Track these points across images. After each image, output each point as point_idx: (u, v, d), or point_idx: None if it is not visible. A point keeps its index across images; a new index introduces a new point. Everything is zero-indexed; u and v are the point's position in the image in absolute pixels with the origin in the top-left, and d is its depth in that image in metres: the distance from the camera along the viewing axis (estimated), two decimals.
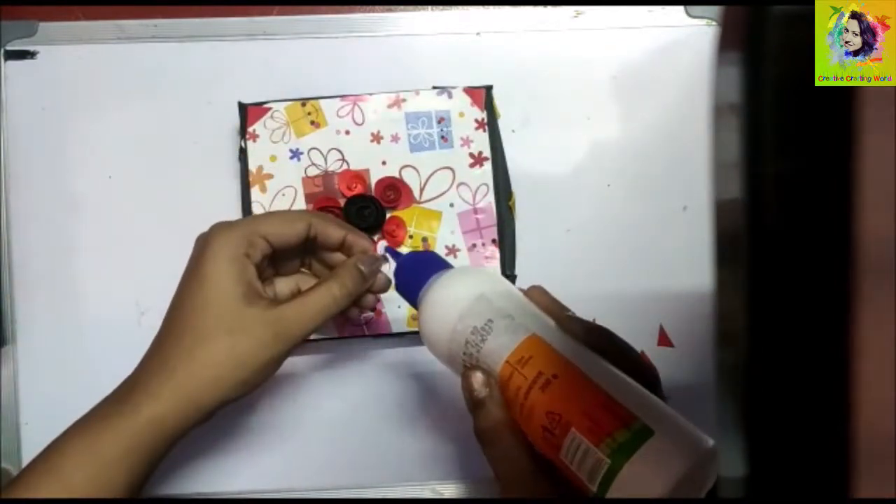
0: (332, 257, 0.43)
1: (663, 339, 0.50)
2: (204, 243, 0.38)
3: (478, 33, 0.51)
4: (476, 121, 0.48)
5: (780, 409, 0.18)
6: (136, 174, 0.50)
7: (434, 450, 0.50)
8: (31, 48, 0.50)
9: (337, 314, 0.40)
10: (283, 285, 0.43)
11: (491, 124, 0.48)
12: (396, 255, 0.41)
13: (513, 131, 0.50)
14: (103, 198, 0.50)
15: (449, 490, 0.50)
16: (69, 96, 0.50)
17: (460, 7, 0.51)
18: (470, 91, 0.48)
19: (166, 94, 0.50)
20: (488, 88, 0.49)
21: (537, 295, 0.37)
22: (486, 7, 0.51)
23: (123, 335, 0.49)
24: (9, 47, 0.49)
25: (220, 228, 0.39)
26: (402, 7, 0.51)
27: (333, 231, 0.41)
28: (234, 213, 0.49)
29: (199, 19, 0.50)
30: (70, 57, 0.50)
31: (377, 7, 0.51)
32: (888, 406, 0.15)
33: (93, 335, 0.49)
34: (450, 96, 0.48)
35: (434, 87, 0.49)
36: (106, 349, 0.49)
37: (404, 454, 0.50)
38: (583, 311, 0.50)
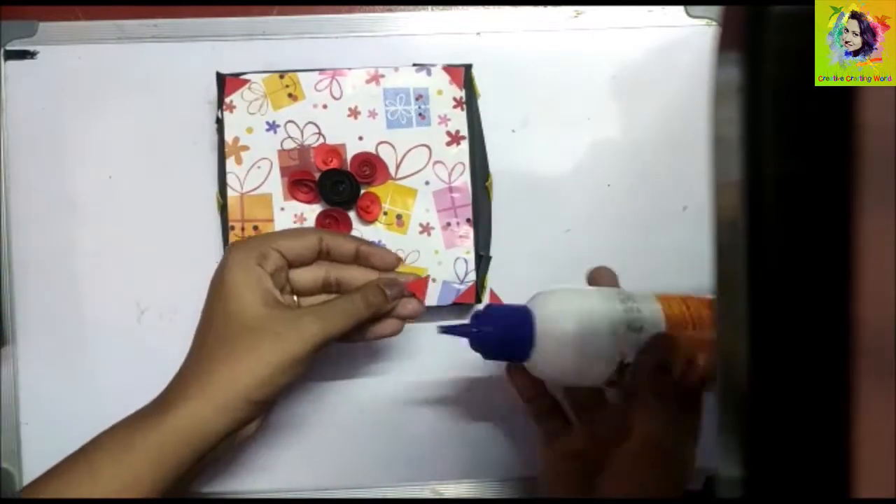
0: (351, 275, 0.43)
1: None
2: (222, 260, 0.40)
3: (478, 33, 0.50)
4: (454, 99, 0.48)
5: (782, 413, 0.18)
6: (136, 174, 0.50)
7: (434, 450, 0.50)
8: (31, 48, 0.49)
9: (357, 324, 0.40)
10: (308, 303, 0.43)
11: (469, 103, 0.48)
12: (468, 327, 0.40)
13: (513, 131, 0.50)
14: (103, 198, 0.50)
15: (449, 490, 0.50)
16: (69, 96, 0.50)
17: (460, 7, 0.51)
18: (449, 69, 0.48)
19: (166, 94, 0.50)
20: (467, 67, 0.48)
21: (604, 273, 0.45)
22: (486, 7, 0.51)
23: (123, 335, 0.49)
24: (9, 47, 0.49)
25: (235, 245, 0.41)
26: (402, 7, 0.51)
27: (344, 243, 0.42)
28: None
29: (199, 19, 0.50)
30: (70, 57, 0.50)
31: (377, 7, 0.51)
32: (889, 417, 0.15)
33: (93, 335, 0.49)
34: (429, 73, 0.48)
35: (414, 64, 0.48)
36: (106, 349, 0.49)
37: (404, 454, 0.50)
38: None
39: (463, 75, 0.48)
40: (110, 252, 0.49)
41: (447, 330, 0.40)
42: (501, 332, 0.39)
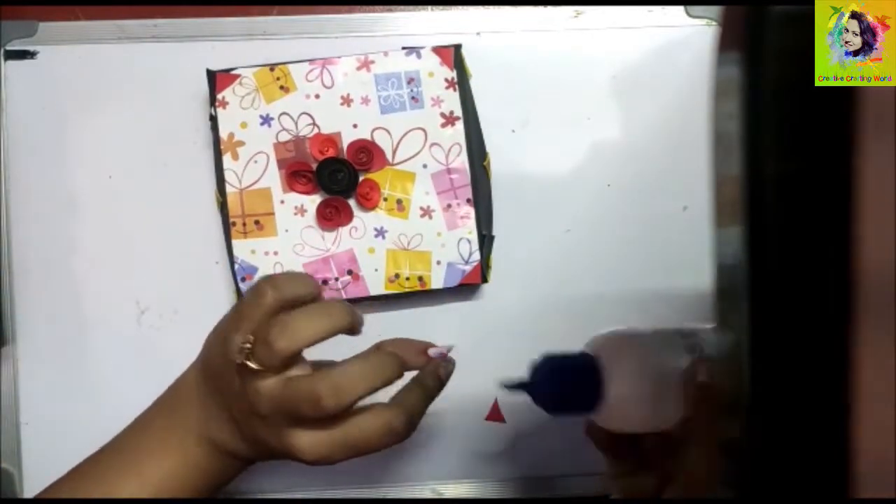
0: None
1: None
2: None
3: (478, 33, 0.50)
4: (446, 80, 0.48)
5: (782, 416, 0.18)
6: (136, 174, 0.50)
7: (434, 450, 0.50)
8: (31, 48, 0.49)
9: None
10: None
11: (461, 83, 0.48)
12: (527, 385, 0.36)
13: (513, 131, 0.50)
14: (103, 197, 0.50)
15: (449, 490, 0.50)
16: (69, 96, 0.50)
17: (460, 7, 0.51)
18: (439, 50, 0.48)
19: (166, 93, 0.50)
20: (457, 47, 0.48)
21: None
22: (486, 7, 0.51)
23: (123, 335, 0.49)
24: (9, 47, 0.49)
25: None
26: (402, 7, 0.51)
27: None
28: None
29: (199, 19, 0.50)
30: (70, 57, 0.50)
31: (377, 7, 0.51)
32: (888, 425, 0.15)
33: (93, 335, 0.49)
34: (419, 56, 0.48)
35: (403, 48, 0.48)
36: (106, 349, 0.49)
37: (404, 454, 0.50)
38: (582, 311, 0.50)
39: (453, 55, 0.48)
40: (110, 252, 0.49)
41: (510, 387, 0.36)
42: (565, 388, 0.35)
